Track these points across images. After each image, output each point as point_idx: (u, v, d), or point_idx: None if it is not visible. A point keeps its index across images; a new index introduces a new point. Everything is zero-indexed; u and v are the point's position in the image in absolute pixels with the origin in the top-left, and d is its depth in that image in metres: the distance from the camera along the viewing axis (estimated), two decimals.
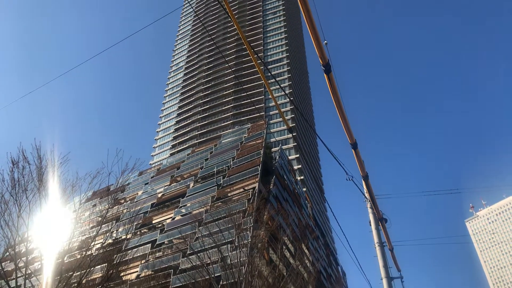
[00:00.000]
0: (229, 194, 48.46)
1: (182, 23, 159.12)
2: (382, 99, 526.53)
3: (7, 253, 22.10)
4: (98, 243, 24.03)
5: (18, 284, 19.08)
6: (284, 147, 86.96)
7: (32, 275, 19.28)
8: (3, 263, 20.91)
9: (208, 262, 24.99)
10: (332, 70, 6.96)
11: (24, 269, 17.91)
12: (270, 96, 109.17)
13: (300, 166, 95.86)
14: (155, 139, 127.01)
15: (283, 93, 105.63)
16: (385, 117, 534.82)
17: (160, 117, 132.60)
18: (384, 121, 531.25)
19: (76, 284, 19.92)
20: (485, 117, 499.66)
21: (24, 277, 17.80)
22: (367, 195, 12.42)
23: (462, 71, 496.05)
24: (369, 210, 12.85)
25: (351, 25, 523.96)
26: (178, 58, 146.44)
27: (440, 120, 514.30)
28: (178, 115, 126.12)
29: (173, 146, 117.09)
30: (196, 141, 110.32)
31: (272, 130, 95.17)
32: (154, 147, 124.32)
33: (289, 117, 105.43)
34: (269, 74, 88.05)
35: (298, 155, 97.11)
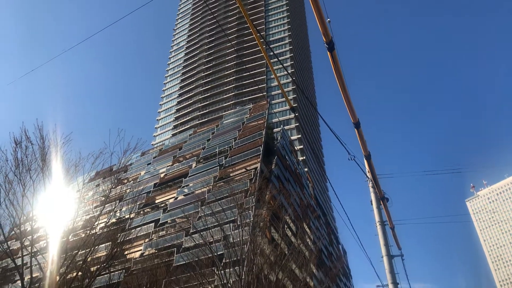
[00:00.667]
0: (231, 174, 48.71)
1: (183, 1, 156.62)
2: (383, 82, 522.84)
3: (13, 232, 22.45)
4: (102, 222, 24.35)
5: (24, 262, 19.42)
6: (286, 127, 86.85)
7: (38, 253, 19.60)
8: (9, 242, 21.26)
9: (211, 240, 25.33)
10: (335, 48, 6.86)
11: (30, 247, 18.19)
12: (272, 76, 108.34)
13: (302, 146, 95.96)
14: (157, 120, 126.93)
15: (285, 72, 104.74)
16: (387, 99, 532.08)
17: (162, 97, 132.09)
18: (386, 103, 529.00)
19: (81, 262, 20.27)
20: (487, 98, 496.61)
21: (30, 255, 18.09)
22: (369, 174, 12.44)
23: (462, 71, 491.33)
24: (371, 190, 12.89)
25: (356, 9, 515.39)
26: (179, 37, 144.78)
27: (442, 101, 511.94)
28: (180, 95, 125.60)
29: (175, 127, 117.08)
30: (197, 122, 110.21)
31: (274, 111, 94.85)
32: (156, 128, 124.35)
33: (291, 97, 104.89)
34: (272, 53, 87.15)
35: (299, 136, 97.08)
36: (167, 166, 61.69)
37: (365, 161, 11.43)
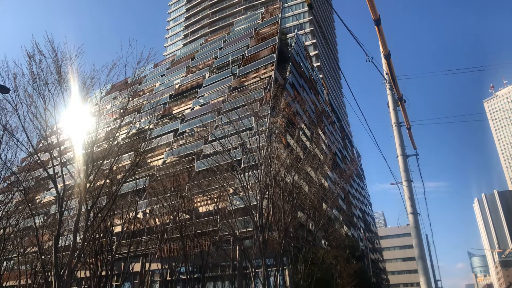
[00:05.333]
0: (245, 83, 48.34)
1: None
2: None
3: (41, 144, 23.54)
4: (123, 134, 25.19)
5: (56, 171, 20.63)
6: (300, 32, 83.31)
7: (67, 163, 20.63)
8: (38, 154, 22.40)
9: (230, 147, 26.17)
10: None
11: (59, 158, 19.10)
12: None
13: (316, 52, 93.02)
14: (167, 29, 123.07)
15: None
16: None
17: (169, 5, 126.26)
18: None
19: (107, 171, 21.44)
20: None
21: (60, 165, 19.07)
22: (386, 76, 12.15)
23: None
24: (388, 92, 12.69)
25: None
26: None
27: None
28: (188, 2, 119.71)
29: (186, 36, 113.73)
30: (208, 30, 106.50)
31: (287, 15, 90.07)
32: (166, 38, 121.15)
33: None
34: None
35: (314, 41, 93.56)
36: (181, 77, 61.37)
37: (384, 61, 11.11)
